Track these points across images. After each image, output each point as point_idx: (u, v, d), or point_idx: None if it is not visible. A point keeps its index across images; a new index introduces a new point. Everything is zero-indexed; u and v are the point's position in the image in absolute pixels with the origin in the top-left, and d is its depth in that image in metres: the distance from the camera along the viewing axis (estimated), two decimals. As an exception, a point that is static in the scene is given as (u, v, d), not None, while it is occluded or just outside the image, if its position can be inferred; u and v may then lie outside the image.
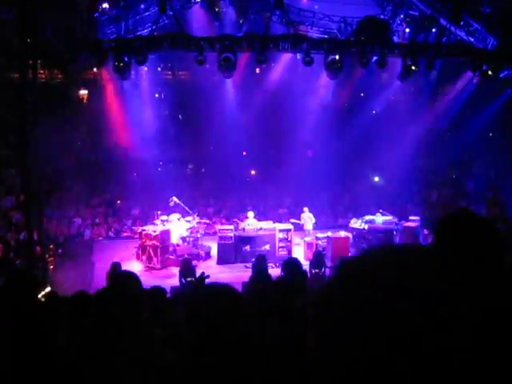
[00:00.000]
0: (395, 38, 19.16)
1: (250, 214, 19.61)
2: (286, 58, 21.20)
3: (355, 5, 19.66)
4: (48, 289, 13.26)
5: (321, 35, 19.28)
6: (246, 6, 19.29)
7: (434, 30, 19.15)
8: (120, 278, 3.73)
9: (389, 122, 23.65)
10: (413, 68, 18.21)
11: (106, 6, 18.09)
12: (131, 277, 3.67)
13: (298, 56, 18.65)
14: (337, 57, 17.61)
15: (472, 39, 18.72)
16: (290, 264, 6.52)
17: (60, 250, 18.28)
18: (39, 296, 11.88)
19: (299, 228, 20.12)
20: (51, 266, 16.77)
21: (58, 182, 20.13)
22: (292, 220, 20.29)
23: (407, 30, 19.78)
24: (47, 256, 16.70)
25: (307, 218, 19.77)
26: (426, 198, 24.62)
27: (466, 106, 23.15)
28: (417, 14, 19.15)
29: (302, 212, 20.04)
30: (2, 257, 16.38)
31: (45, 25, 16.38)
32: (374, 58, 18.12)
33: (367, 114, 24.40)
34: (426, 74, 20.71)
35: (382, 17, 19.18)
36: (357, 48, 17.99)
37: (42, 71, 19.69)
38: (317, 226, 20.06)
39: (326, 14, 19.49)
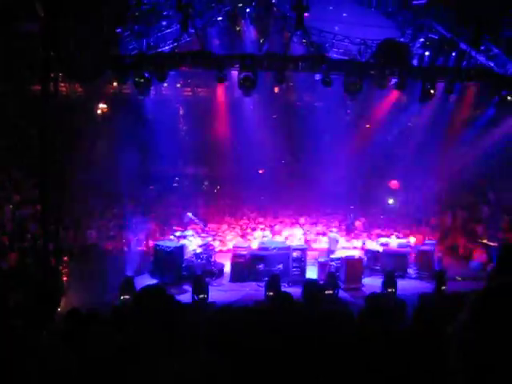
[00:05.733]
0: (415, 61, 19.15)
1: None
2: (303, 77, 21.24)
3: (376, 27, 19.69)
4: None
5: (341, 56, 19.30)
6: (266, 26, 19.37)
7: (453, 53, 19.05)
8: (148, 293, 3.69)
9: (404, 147, 23.66)
10: (431, 91, 18.24)
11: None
12: (160, 291, 3.66)
13: (317, 77, 18.69)
14: (356, 79, 17.70)
15: (492, 64, 18.65)
16: (310, 286, 6.54)
17: (74, 262, 18.30)
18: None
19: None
20: (65, 278, 16.81)
21: (76, 194, 20.16)
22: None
23: (427, 54, 19.73)
24: (61, 267, 16.76)
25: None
26: (441, 222, 24.45)
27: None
28: (437, 37, 19.11)
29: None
30: (16, 266, 16.41)
31: (68, 38, 16.51)
32: (393, 80, 18.19)
33: (384, 138, 24.32)
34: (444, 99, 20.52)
35: (401, 40, 19.19)
36: (376, 70, 18.05)
37: (62, 84, 19.86)
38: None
39: (346, 36, 19.50)
